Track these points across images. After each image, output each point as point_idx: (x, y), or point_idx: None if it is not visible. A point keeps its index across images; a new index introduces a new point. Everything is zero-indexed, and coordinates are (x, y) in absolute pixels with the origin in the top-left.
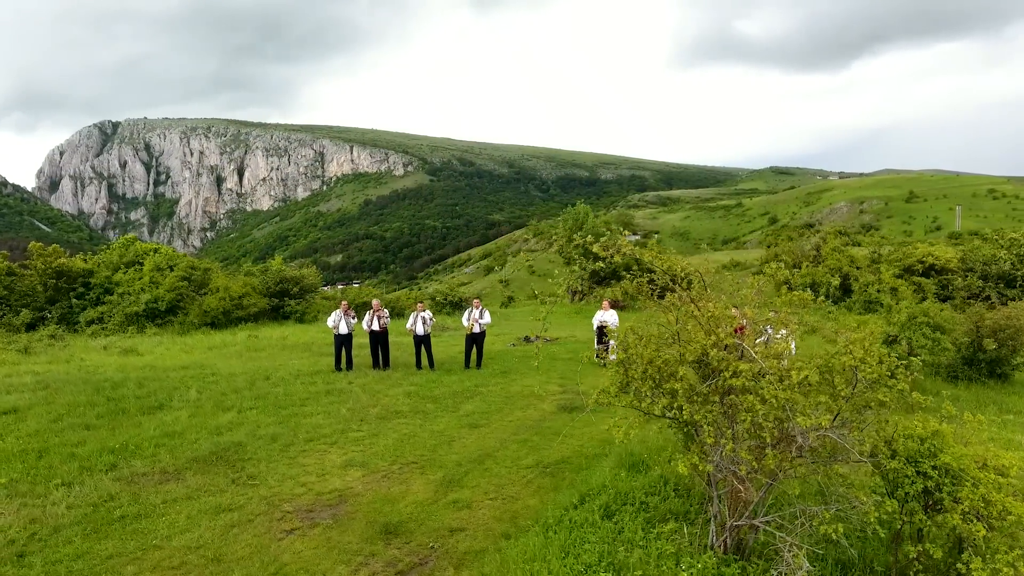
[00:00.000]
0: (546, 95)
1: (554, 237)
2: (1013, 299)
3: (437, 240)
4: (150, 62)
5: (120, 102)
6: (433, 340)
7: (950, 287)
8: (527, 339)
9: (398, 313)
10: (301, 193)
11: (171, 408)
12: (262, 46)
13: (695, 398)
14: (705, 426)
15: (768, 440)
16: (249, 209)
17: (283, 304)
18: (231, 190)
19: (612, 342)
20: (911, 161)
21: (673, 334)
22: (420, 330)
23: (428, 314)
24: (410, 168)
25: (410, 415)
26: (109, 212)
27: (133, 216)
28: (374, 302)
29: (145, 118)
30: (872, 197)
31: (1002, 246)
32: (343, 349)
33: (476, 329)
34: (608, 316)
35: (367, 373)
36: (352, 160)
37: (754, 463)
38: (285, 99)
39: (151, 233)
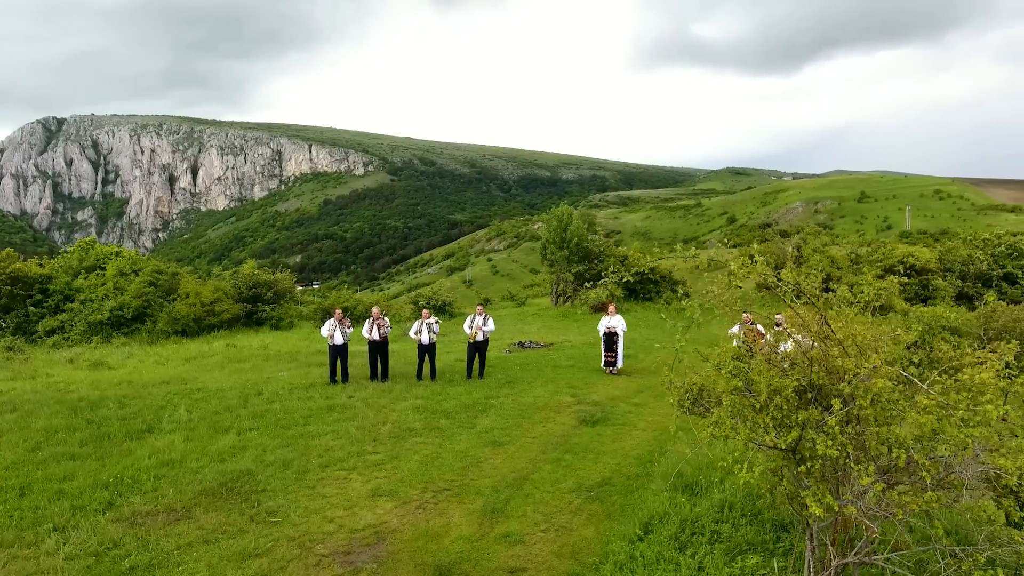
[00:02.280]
0: (507, 95)
1: (543, 238)
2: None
3: (399, 240)
4: (98, 57)
5: (66, 98)
6: (415, 348)
7: (930, 287)
8: (521, 344)
9: (356, 319)
10: (258, 193)
11: (161, 431)
12: (217, 42)
13: (827, 429)
14: (851, 464)
15: (907, 473)
16: (204, 209)
17: (257, 310)
18: (184, 189)
19: (620, 349)
20: (861, 162)
21: (794, 358)
22: (426, 339)
23: (434, 321)
24: (371, 168)
25: (425, 433)
26: (54, 212)
27: (80, 216)
28: (374, 310)
29: (92, 115)
30: (826, 197)
31: (977, 247)
32: (338, 360)
33: (480, 337)
34: (616, 322)
35: (366, 386)
36: (311, 159)
37: (898, 501)
38: (241, 96)
39: (99, 234)
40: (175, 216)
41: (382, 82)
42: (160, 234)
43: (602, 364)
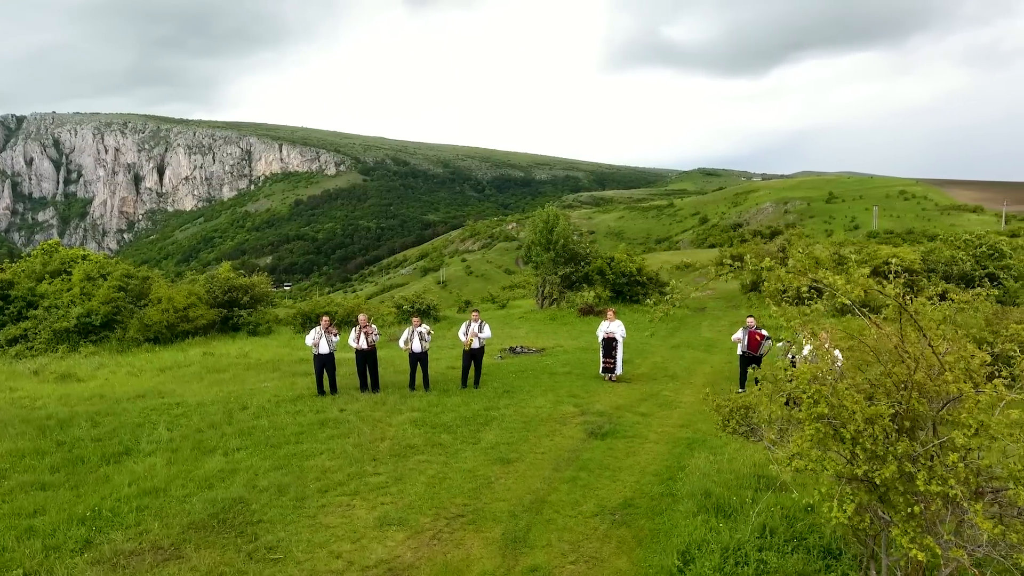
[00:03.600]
0: (481, 95)
1: (528, 239)
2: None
3: (372, 241)
4: (60, 53)
5: (26, 95)
6: (403, 356)
7: (915, 287)
8: (513, 350)
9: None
10: (227, 193)
11: (140, 453)
12: (184, 39)
13: (925, 461)
14: (961, 502)
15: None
16: (170, 209)
17: (233, 315)
18: (150, 189)
19: (620, 355)
20: (828, 163)
21: (881, 381)
22: (417, 347)
23: (425, 328)
24: (342, 167)
25: (427, 450)
26: (13, 213)
27: (41, 217)
28: (360, 317)
29: (54, 112)
30: (795, 198)
31: (959, 247)
32: (325, 371)
33: (476, 344)
34: (615, 327)
35: (357, 397)
36: (281, 159)
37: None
38: (209, 95)
39: (62, 235)
40: (141, 217)
41: (354, 81)
42: (125, 235)
43: (600, 371)
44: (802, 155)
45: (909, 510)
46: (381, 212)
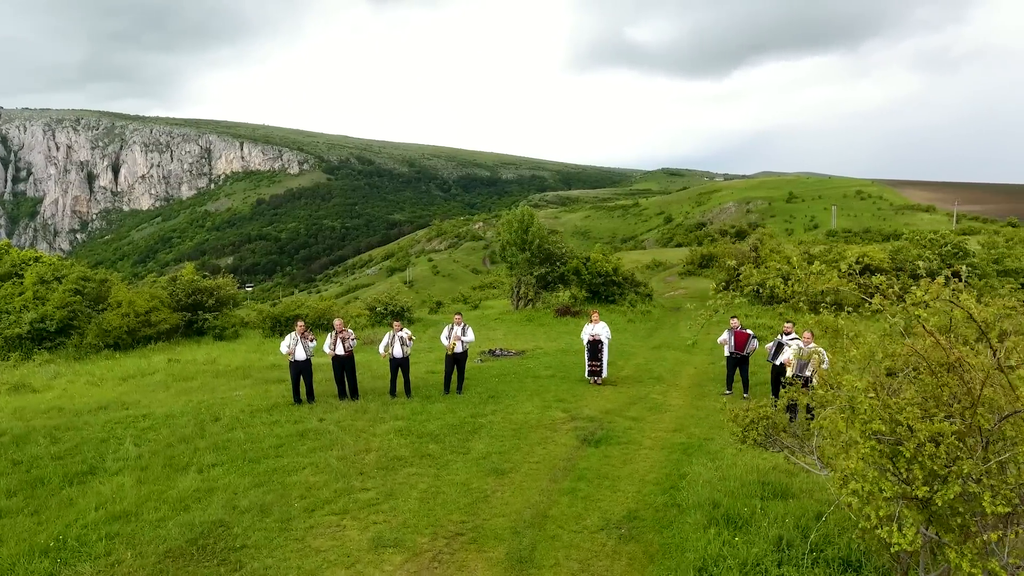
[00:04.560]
0: (446, 94)
1: (503, 239)
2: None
3: (336, 241)
4: (6, 46)
5: None
6: (379, 360)
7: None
8: (492, 352)
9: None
10: (186, 192)
11: (106, 472)
12: (139, 34)
13: (987, 480)
14: None
15: None
16: (126, 209)
17: (197, 319)
18: (105, 188)
19: (605, 358)
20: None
21: (940, 389)
22: (398, 352)
23: (407, 333)
24: (306, 166)
25: (416, 461)
26: None
27: None
28: (336, 322)
29: (1, 108)
30: (757, 198)
31: (925, 246)
32: (301, 378)
33: (459, 348)
34: (600, 329)
35: (335, 405)
36: (243, 157)
37: None
38: (166, 91)
39: (10, 235)
40: (95, 216)
41: (317, 79)
42: (78, 235)
43: (586, 374)
44: (763, 156)
45: (964, 531)
46: (346, 212)
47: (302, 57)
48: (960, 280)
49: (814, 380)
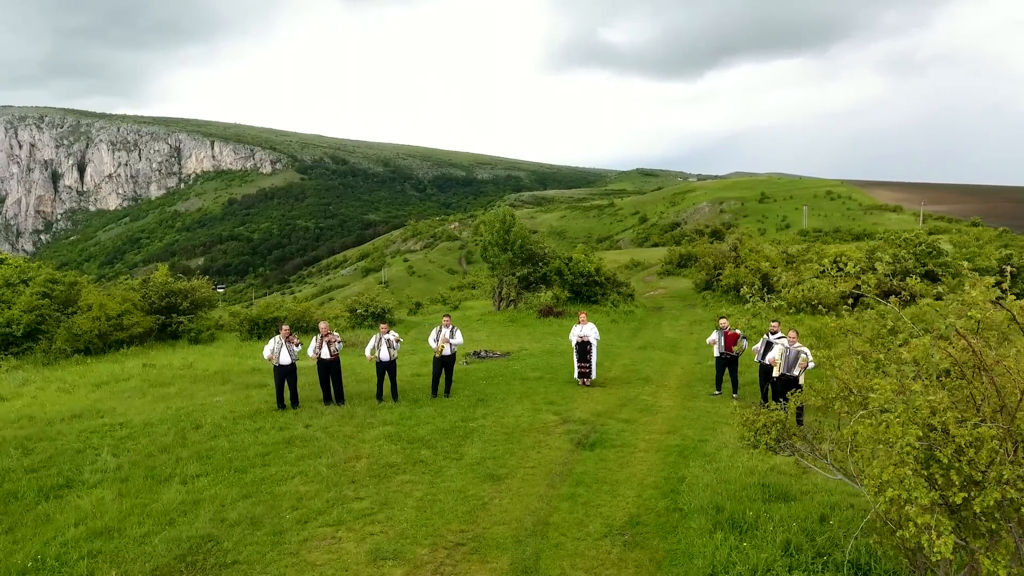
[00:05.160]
0: (421, 94)
1: (482, 238)
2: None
3: (310, 241)
4: None
5: None
6: (364, 361)
7: (861, 285)
8: (477, 354)
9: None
10: (155, 191)
11: (84, 485)
12: (106, 29)
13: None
14: None
15: None
16: (93, 209)
17: (171, 321)
18: (70, 187)
19: (594, 359)
20: (759, 165)
21: (968, 388)
22: (385, 355)
23: (394, 336)
24: (278, 166)
25: (409, 468)
26: None
27: None
28: (321, 325)
29: None
30: (730, 198)
31: (900, 246)
32: (286, 383)
33: (447, 351)
34: (589, 330)
35: (321, 411)
36: (213, 156)
37: None
38: (134, 88)
39: None
40: (60, 216)
41: (289, 77)
42: (42, 236)
43: (575, 375)
44: (735, 156)
45: (994, 537)
46: (320, 212)
47: (274, 55)
48: (934, 280)
49: (801, 379)
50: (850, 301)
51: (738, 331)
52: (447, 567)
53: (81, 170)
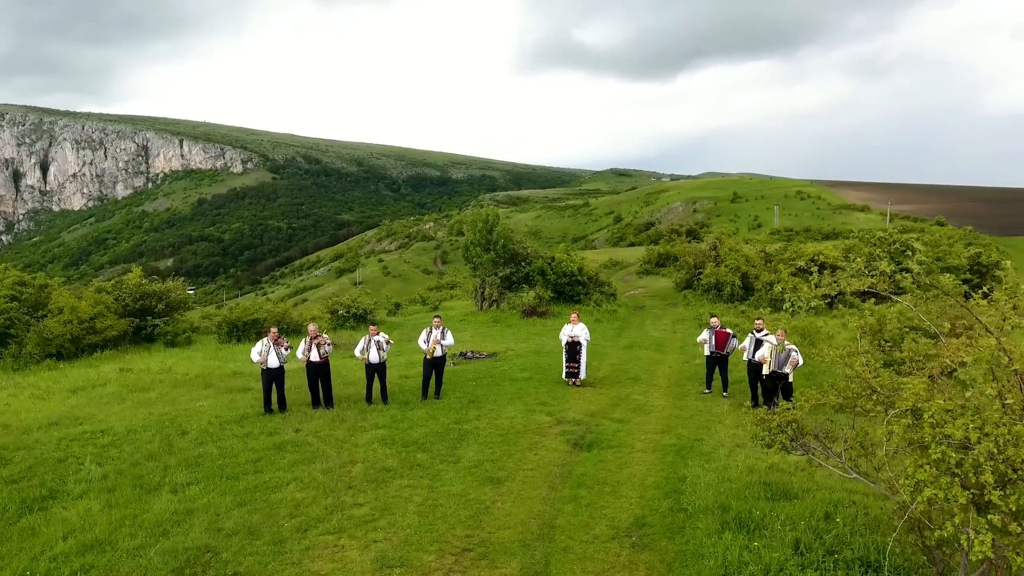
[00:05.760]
0: (395, 93)
1: (462, 238)
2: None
3: (283, 241)
4: None
5: None
6: (349, 364)
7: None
8: (464, 355)
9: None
10: (121, 191)
11: (69, 496)
12: (70, 25)
13: None
14: None
15: None
16: (56, 209)
17: (146, 324)
18: (32, 187)
19: (583, 359)
20: (731, 165)
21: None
22: (375, 357)
23: (383, 337)
24: (250, 165)
25: (406, 473)
26: None
27: None
28: (311, 327)
29: None
30: (703, 197)
31: (875, 244)
32: (274, 387)
33: (438, 352)
34: (579, 330)
35: (310, 415)
36: (182, 155)
37: None
38: (100, 86)
39: None
40: (21, 217)
41: (261, 76)
42: (3, 237)
43: (564, 375)
44: (707, 156)
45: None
46: (292, 212)
47: (244, 53)
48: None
49: (791, 376)
50: (827, 301)
51: (728, 331)
52: (456, 574)
53: (44, 169)
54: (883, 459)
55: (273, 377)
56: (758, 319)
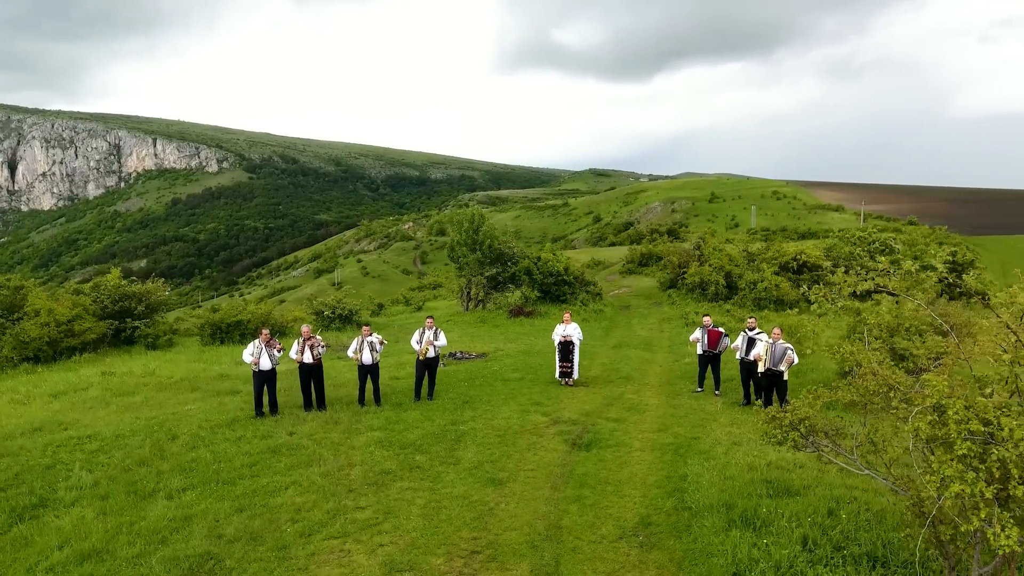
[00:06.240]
0: (373, 93)
1: (451, 237)
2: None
3: (259, 242)
4: None
5: None
6: (338, 366)
7: (821, 282)
8: (454, 356)
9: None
10: (93, 191)
11: (61, 504)
12: (38, 20)
13: None
14: None
15: None
16: (25, 209)
17: (126, 327)
18: (0, 187)
19: (576, 359)
20: (708, 165)
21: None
22: (368, 358)
23: (376, 338)
24: (225, 164)
25: (406, 475)
26: None
27: None
28: (304, 328)
29: None
30: (681, 197)
31: (855, 243)
32: (265, 389)
33: (431, 353)
34: (572, 330)
35: (303, 417)
36: (156, 154)
37: None
38: (70, 83)
39: None
40: None
41: (236, 74)
42: None
43: (557, 375)
44: (685, 157)
45: None
46: (269, 212)
47: (220, 51)
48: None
49: (786, 375)
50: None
51: (721, 329)
52: None
53: (12, 168)
54: (895, 455)
55: (265, 379)
56: (750, 318)
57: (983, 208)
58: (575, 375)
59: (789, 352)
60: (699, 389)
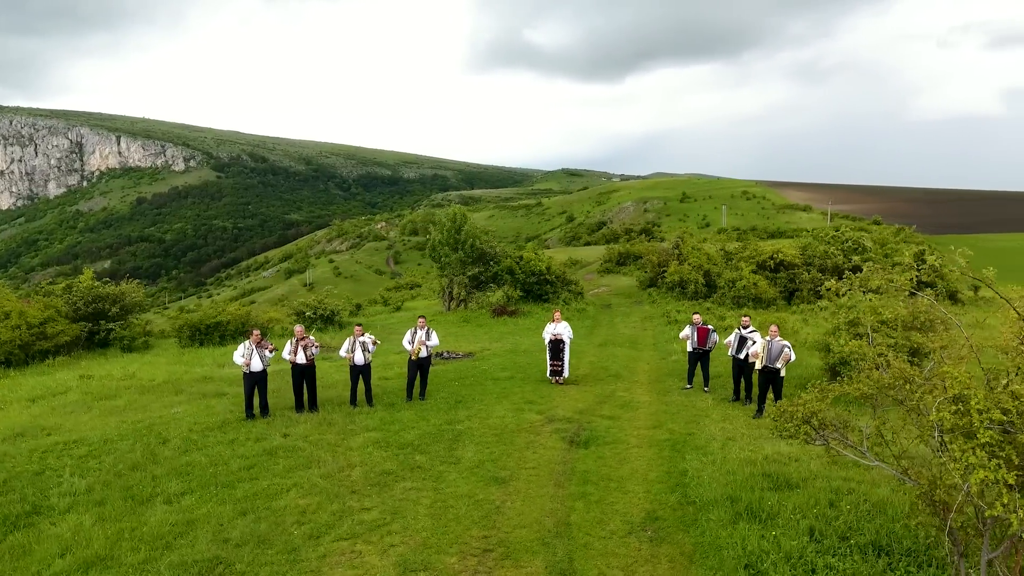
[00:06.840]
0: (344, 92)
1: (433, 237)
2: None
3: (228, 242)
4: None
5: None
6: (324, 366)
7: (797, 280)
8: (441, 355)
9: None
10: (53, 189)
11: (55, 511)
12: None
13: None
14: None
15: None
16: None
17: (100, 329)
18: None
19: (567, 357)
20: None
21: None
22: (360, 359)
23: (369, 338)
24: (192, 163)
25: (408, 475)
26: None
27: None
28: (297, 329)
29: None
30: (653, 197)
31: (829, 243)
32: (256, 390)
33: (423, 353)
34: (562, 329)
35: (295, 419)
36: (120, 152)
37: None
38: (28, 78)
39: None
40: None
41: (204, 72)
42: None
43: (548, 374)
44: (656, 157)
45: None
46: (238, 211)
47: (186, 48)
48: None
49: (783, 372)
50: (785, 296)
51: (709, 327)
52: (482, 575)
53: None
54: (904, 447)
55: (256, 381)
56: (745, 316)
57: (942, 208)
58: (566, 373)
59: (786, 350)
60: (688, 386)
